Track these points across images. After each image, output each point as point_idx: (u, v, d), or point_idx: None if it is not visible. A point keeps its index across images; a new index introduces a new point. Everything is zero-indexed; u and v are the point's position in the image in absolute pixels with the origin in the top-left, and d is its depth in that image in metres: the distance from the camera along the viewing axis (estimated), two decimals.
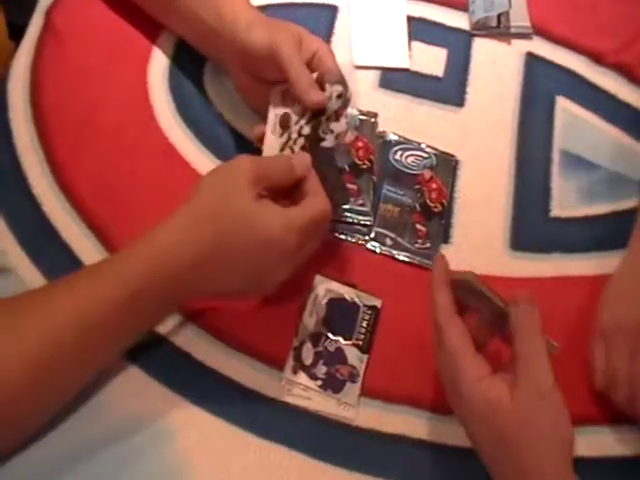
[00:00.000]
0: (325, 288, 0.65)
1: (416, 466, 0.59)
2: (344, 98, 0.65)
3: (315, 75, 0.64)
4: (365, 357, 0.62)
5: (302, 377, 0.61)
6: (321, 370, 0.61)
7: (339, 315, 0.64)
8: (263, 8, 0.80)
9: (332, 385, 0.61)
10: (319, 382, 0.61)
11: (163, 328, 0.62)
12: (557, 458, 0.51)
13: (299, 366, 0.61)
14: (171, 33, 0.76)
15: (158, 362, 0.61)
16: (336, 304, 0.64)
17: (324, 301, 0.64)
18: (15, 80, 0.72)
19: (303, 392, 0.60)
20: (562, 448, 0.51)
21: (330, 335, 0.63)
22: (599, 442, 0.60)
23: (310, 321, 0.63)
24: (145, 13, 0.75)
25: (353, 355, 0.62)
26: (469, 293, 0.56)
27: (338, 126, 0.63)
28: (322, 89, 0.65)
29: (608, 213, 0.72)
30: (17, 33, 0.79)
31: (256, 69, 0.65)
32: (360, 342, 0.63)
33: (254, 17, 0.65)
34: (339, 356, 0.62)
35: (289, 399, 0.60)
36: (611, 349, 0.61)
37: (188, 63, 0.75)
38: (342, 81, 0.65)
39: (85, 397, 0.57)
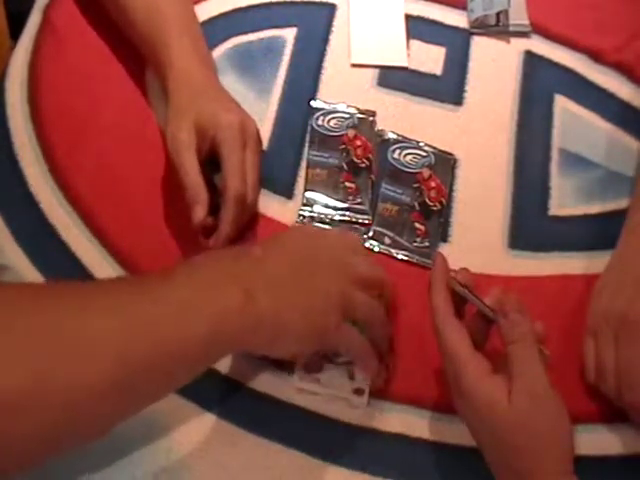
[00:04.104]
0: None
1: (416, 465, 0.58)
2: None
3: None
4: None
5: (307, 378, 0.60)
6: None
7: None
8: (263, 7, 0.80)
9: None
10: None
11: None
12: (556, 461, 0.51)
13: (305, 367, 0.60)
14: None
15: None
16: None
17: None
18: (13, 78, 0.72)
19: (309, 394, 0.60)
20: (561, 451, 0.51)
21: None
22: (596, 441, 0.60)
23: None
24: None
25: None
26: (461, 296, 0.56)
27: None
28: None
29: (607, 212, 0.72)
30: (15, 23, 0.79)
31: None
32: None
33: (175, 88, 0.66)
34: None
35: (296, 399, 0.60)
36: (598, 340, 0.61)
37: None
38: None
39: None
